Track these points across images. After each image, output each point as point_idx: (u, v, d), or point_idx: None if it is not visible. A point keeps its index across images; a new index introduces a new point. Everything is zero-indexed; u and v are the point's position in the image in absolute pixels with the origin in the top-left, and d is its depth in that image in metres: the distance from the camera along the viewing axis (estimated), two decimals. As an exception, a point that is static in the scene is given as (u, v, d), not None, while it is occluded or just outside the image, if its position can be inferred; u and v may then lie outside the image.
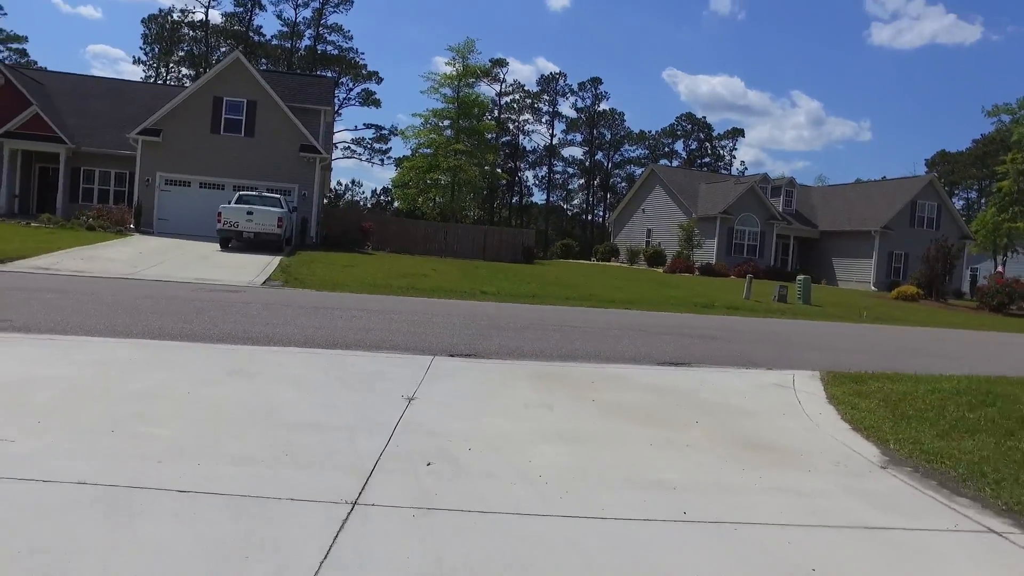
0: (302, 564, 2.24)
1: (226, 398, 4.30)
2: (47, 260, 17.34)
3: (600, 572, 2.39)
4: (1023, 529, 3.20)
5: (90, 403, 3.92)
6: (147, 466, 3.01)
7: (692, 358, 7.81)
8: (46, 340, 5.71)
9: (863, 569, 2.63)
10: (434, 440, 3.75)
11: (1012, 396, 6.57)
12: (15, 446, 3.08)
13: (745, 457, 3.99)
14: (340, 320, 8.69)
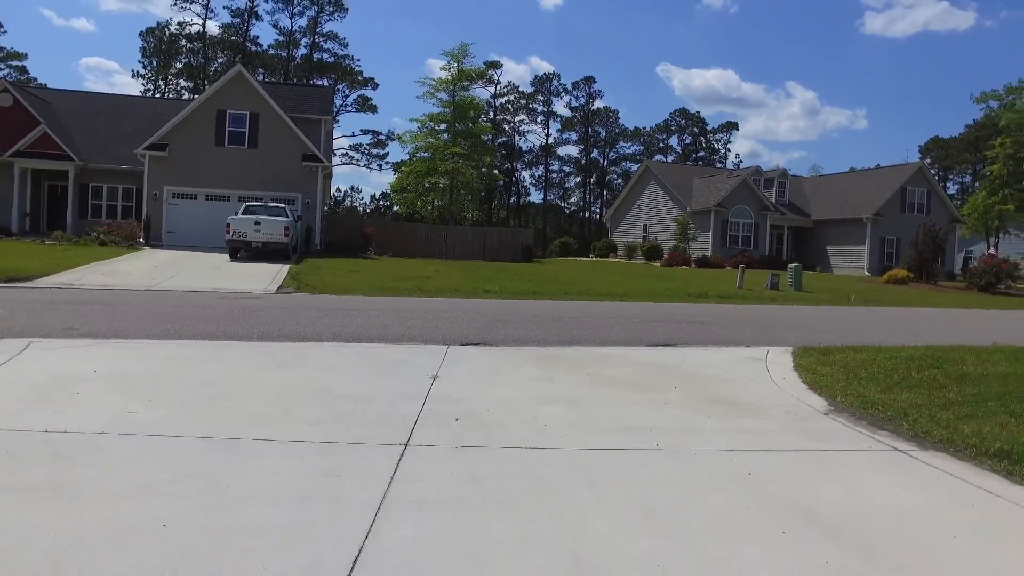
0: (379, 478, 3.16)
1: (283, 381, 5.24)
2: (70, 276, 18.29)
3: (591, 476, 3.32)
4: (922, 449, 4.14)
5: (178, 388, 4.86)
6: (245, 427, 3.95)
7: (679, 340, 8.75)
8: (114, 343, 6.65)
9: (786, 472, 3.56)
10: (458, 405, 4.68)
11: (958, 360, 7.51)
12: (141, 416, 4.02)
13: (711, 410, 4.93)
14: (359, 319, 9.63)
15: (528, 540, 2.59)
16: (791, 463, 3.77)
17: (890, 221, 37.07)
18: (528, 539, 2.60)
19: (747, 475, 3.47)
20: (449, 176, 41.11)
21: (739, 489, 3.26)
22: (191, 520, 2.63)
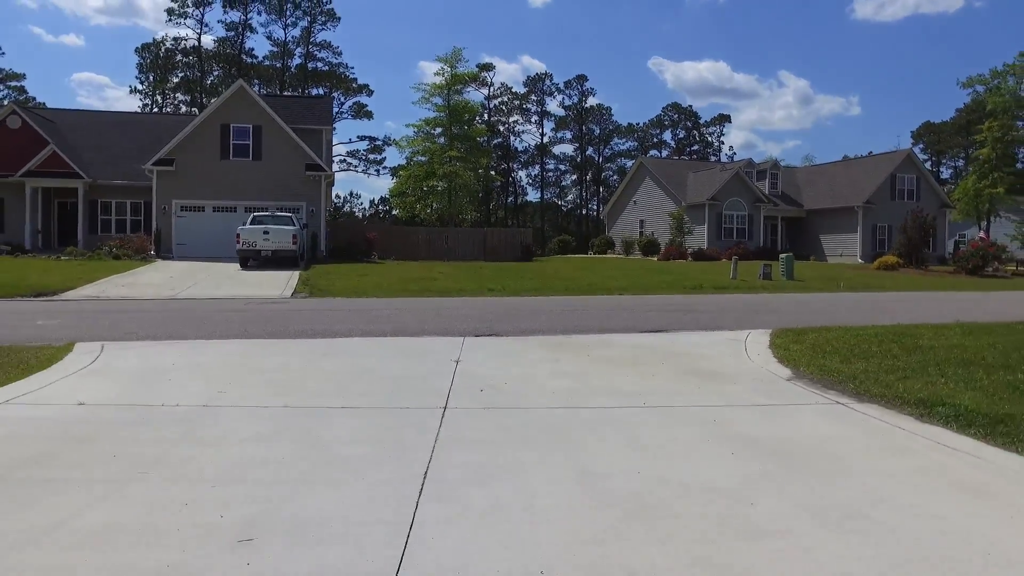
0: (430, 428, 4.19)
1: (333, 367, 6.26)
2: (93, 289, 19.34)
3: (590, 423, 4.35)
4: (859, 402, 5.16)
5: (246, 374, 5.89)
6: (314, 399, 4.98)
7: (671, 327, 9.78)
8: (177, 343, 7.67)
9: (743, 418, 4.59)
10: (481, 380, 5.70)
11: (917, 335, 8.54)
12: (229, 395, 5.05)
13: (691, 379, 5.96)
14: (380, 318, 10.66)
15: (545, 461, 3.61)
16: (749, 413, 4.80)
17: (881, 208, 38.13)
18: (545, 460, 3.62)
19: (712, 421, 4.50)
20: (447, 179, 42.11)
21: (704, 430, 4.29)
22: (300, 455, 3.66)
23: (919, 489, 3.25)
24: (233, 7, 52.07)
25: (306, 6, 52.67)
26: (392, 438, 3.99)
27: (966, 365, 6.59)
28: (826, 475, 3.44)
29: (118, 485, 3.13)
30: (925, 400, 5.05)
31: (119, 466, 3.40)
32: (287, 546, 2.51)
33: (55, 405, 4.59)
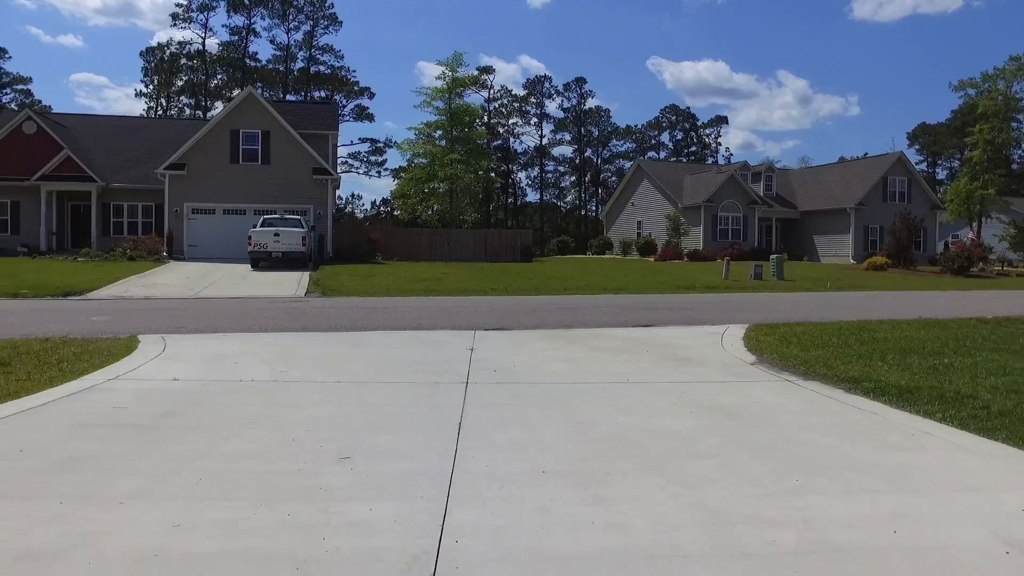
0: (457, 396, 5.37)
1: (367, 354, 7.45)
2: (116, 289, 20.52)
3: (583, 393, 5.54)
4: (805, 380, 6.35)
5: (298, 359, 7.08)
6: (359, 377, 6.17)
7: (659, 322, 10.98)
8: (223, 335, 8.86)
9: (706, 390, 5.78)
10: (493, 364, 6.89)
11: (875, 329, 9.75)
12: (289, 374, 6.24)
13: (670, 363, 7.15)
14: (395, 314, 11.86)
15: (547, 417, 4.80)
16: (711, 387, 6.00)
17: (873, 210, 39.37)
18: (547, 416, 4.81)
19: (680, 392, 5.70)
20: (448, 181, 43.31)
21: (673, 398, 5.49)
22: (360, 412, 4.85)
23: (825, 434, 4.45)
24: (237, 11, 53.38)
25: (309, 10, 54.03)
26: (429, 402, 5.18)
27: (905, 353, 7.80)
28: (758, 426, 4.64)
29: (236, 430, 4.32)
30: (856, 377, 6.25)
31: (230, 419, 4.59)
32: (373, 461, 3.70)
33: (157, 380, 5.79)
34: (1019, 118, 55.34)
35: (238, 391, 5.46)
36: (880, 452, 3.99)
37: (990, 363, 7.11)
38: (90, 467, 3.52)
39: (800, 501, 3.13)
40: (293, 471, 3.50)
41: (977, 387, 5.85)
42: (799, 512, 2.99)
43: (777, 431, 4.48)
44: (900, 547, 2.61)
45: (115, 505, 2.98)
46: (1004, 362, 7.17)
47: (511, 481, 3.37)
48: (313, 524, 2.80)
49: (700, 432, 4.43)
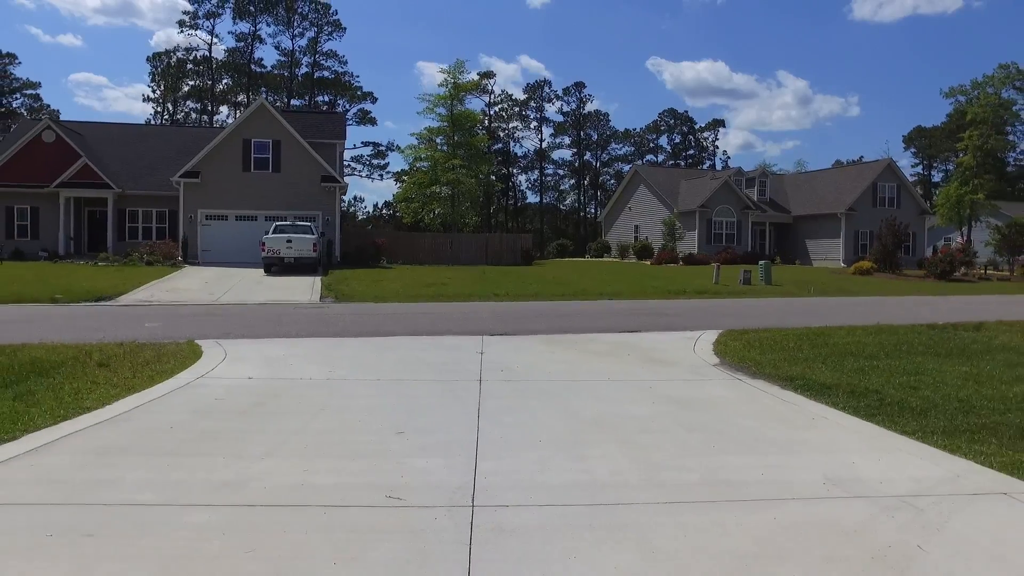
0: (473, 391, 6.97)
1: (395, 357, 9.05)
2: (142, 294, 22.10)
3: (574, 390, 7.14)
4: (753, 379, 7.94)
5: (338, 360, 8.67)
6: (393, 375, 7.77)
7: (644, 327, 12.58)
8: (269, 340, 10.45)
9: (671, 387, 7.38)
10: (500, 365, 8.48)
11: (831, 334, 11.34)
12: (335, 373, 7.84)
13: (647, 365, 8.75)
14: (413, 321, 13.46)
15: (544, 406, 6.40)
16: (675, 384, 7.60)
17: (862, 215, 41.01)
18: (544, 406, 6.41)
19: (650, 388, 7.30)
20: (450, 186, 44.88)
21: (643, 393, 7.08)
22: (401, 403, 6.44)
23: (749, 418, 6.05)
24: (243, 18, 55.03)
25: (313, 17, 55.68)
26: (452, 395, 6.79)
27: (846, 356, 9.40)
28: (701, 412, 6.25)
29: (314, 414, 5.93)
30: (793, 376, 7.85)
31: (306, 407, 6.20)
32: (420, 435, 5.29)
33: (235, 378, 7.39)
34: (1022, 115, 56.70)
35: (303, 387, 7.07)
36: (783, 430, 5.60)
37: (909, 365, 8.72)
38: (225, 438, 5.12)
39: (711, 459, 4.74)
40: (366, 441, 5.10)
41: (885, 384, 7.46)
42: (708, 464, 4.59)
43: (714, 416, 6.09)
44: (761, 481, 4.21)
45: (257, 460, 4.58)
46: (921, 364, 8.78)
47: (517, 446, 4.97)
48: (391, 470, 4.40)
49: (657, 416, 6.03)
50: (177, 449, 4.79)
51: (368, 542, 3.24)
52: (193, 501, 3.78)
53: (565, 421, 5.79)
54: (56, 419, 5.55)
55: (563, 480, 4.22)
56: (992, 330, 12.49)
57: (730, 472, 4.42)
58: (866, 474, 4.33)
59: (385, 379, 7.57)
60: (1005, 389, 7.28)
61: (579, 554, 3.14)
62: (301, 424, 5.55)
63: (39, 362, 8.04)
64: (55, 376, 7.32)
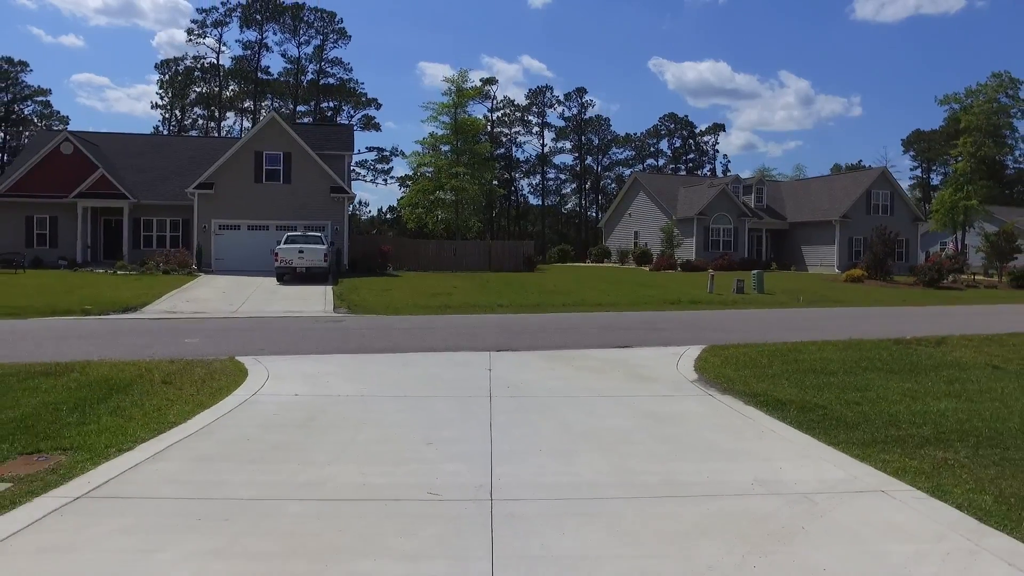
0: (485, 405, 8.43)
1: (415, 374, 10.52)
2: (164, 304, 23.61)
3: (570, 404, 8.60)
4: (723, 394, 9.39)
5: (366, 377, 10.14)
6: (415, 392, 9.25)
7: (634, 343, 14.04)
8: (303, 357, 11.92)
9: (651, 402, 8.84)
10: (506, 382, 9.94)
11: (802, 350, 12.79)
12: (368, 389, 9.31)
13: (632, 381, 10.21)
14: (427, 336, 14.93)
15: (543, 420, 7.85)
16: (654, 399, 9.07)
17: (857, 222, 42.45)
18: (543, 420, 7.86)
19: (631, 403, 8.76)
20: (454, 192, 46.39)
21: (626, 407, 8.54)
22: (425, 417, 7.90)
23: (710, 430, 7.50)
24: (250, 27, 56.56)
25: (319, 25, 57.22)
26: (468, 410, 8.25)
27: (809, 373, 10.84)
28: (672, 425, 7.70)
29: (357, 428, 7.39)
30: (756, 393, 9.31)
31: (349, 422, 7.66)
32: (446, 445, 6.75)
33: (284, 395, 8.86)
34: (1014, 124, 58.00)
35: (342, 403, 8.54)
36: (734, 442, 7.06)
37: (861, 382, 10.17)
38: (293, 449, 6.59)
39: (672, 464, 6.20)
40: (404, 450, 6.57)
41: (833, 400, 8.92)
42: (668, 468, 6.05)
43: (682, 429, 7.56)
44: (706, 482, 5.67)
45: (324, 466, 6.05)
46: (871, 381, 10.23)
47: (522, 454, 6.43)
48: (427, 472, 5.86)
49: (635, 429, 7.50)
50: (260, 457, 6.26)
51: (420, 524, 4.71)
52: (287, 496, 5.26)
53: (560, 434, 7.26)
54: (154, 432, 7.02)
55: (557, 481, 5.68)
56: (951, 345, 13.94)
57: (684, 475, 5.88)
58: (787, 477, 5.80)
59: (410, 396, 9.04)
60: (932, 405, 8.73)
61: (566, 531, 4.60)
62: (349, 437, 7.01)
63: (111, 380, 9.51)
64: (132, 393, 8.79)
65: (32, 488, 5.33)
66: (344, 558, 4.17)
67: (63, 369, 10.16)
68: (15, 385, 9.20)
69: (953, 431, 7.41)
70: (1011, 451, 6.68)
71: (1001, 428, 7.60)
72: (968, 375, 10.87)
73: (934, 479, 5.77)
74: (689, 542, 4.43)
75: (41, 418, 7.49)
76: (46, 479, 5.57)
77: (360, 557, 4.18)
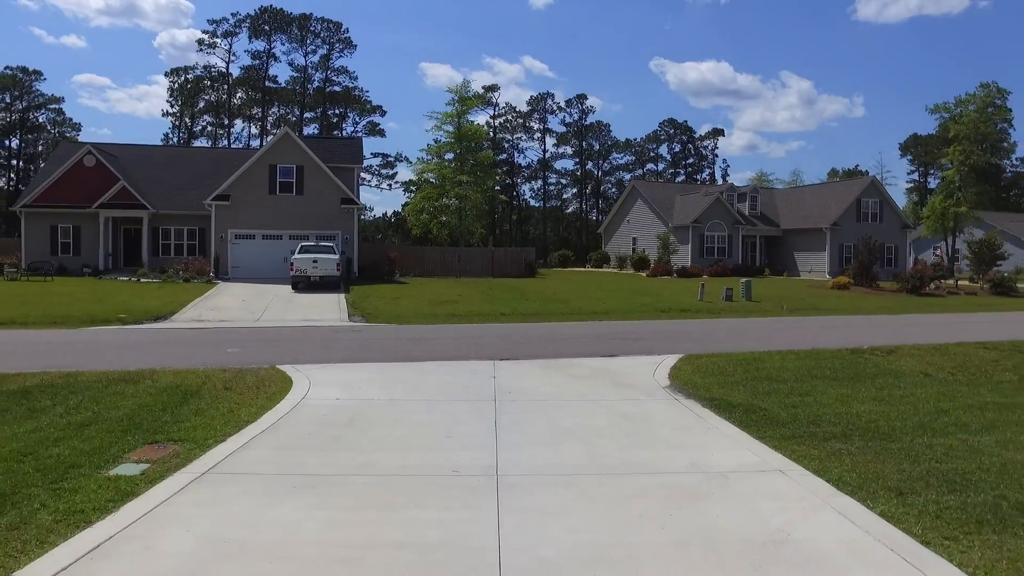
0: (491, 408, 10.62)
1: (431, 381, 12.73)
2: (192, 313, 25.85)
3: (561, 407, 10.80)
4: (687, 398, 11.58)
5: (391, 384, 12.35)
6: (434, 396, 11.47)
7: (621, 352, 16.23)
8: (333, 365, 14.13)
9: (625, 404, 11.04)
10: (507, 388, 12.13)
11: (765, 359, 14.99)
12: (395, 394, 11.52)
13: (613, 387, 12.40)
14: (438, 345, 17.14)
15: (537, 419, 10.05)
16: (629, 402, 11.26)
17: (846, 229, 44.62)
18: (537, 419, 10.06)
19: (610, 406, 10.96)
20: (458, 199, 48.63)
21: (604, 409, 10.74)
22: (445, 417, 10.10)
23: (668, 428, 9.69)
24: (258, 37, 58.86)
25: (325, 35, 59.50)
26: (478, 411, 10.44)
27: (763, 380, 13.03)
28: (639, 423, 9.89)
29: (392, 426, 9.60)
30: (714, 398, 11.50)
31: (385, 421, 9.86)
32: (463, 438, 8.95)
33: (328, 399, 11.07)
34: (1014, 126, 60.12)
35: (376, 406, 10.75)
36: (685, 437, 9.26)
37: (805, 388, 12.36)
38: (346, 440, 8.80)
39: (632, 453, 8.40)
40: (431, 442, 8.78)
41: (775, 404, 11.11)
42: (629, 455, 8.25)
43: (646, 426, 9.76)
44: (653, 464, 7.86)
45: (373, 452, 8.25)
46: (814, 387, 12.41)
47: (520, 445, 8.63)
48: (450, 457, 8.05)
49: (609, 426, 9.70)
50: (322, 447, 8.48)
51: (448, 490, 6.91)
52: (351, 473, 7.46)
53: (550, 430, 9.46)
54: (235, 428, 9.24)
55: (545, 463, 7.89)
56: (900, 354, 16.13)
57: (639, 460, 8.08)
58: (714, 461, 8.00)
59: (430, 400, 11.26)
60: (855, 407, 10.91)
61: (548, 494, 6.80)
62: (386, 432, 9.23)
63: (180, 386, 11.74)
64: (203, 397, 11.01)
65: (167, 467, 7.55)
66: (400, 509, 6.38)
67: (135, 377, 12.42)
68: (102, 390, 11.46)
69: (858, 428, 9.61)
70: (894, 443, 8.87)
71: (899, 426, 9.79)
72: (899, 382, 13.06)
73: (823, 463, 7.97)
74: (631, 501, 6.64)
75: (142, 417, 9.72)
76: (172, 461, 7.79)
77: (411, 508, 6.40)
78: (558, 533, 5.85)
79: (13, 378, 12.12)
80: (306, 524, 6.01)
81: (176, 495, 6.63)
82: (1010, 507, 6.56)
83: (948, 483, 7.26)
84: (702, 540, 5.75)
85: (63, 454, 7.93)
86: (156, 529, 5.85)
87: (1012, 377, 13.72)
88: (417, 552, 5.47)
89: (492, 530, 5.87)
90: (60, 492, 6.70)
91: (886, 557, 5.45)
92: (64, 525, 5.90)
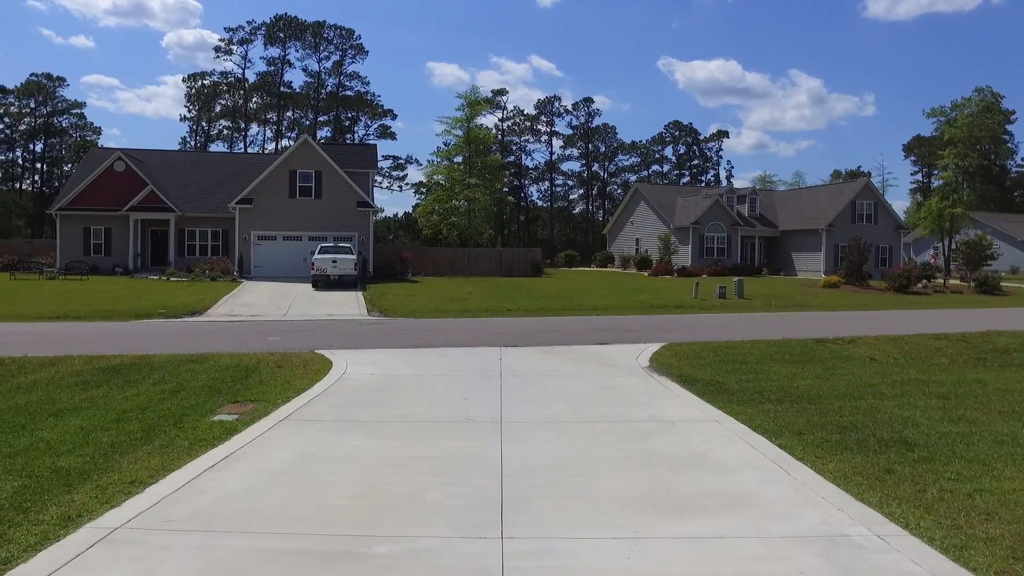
0: (497, 382, 13.27)
1: (445, 362, 15.39)
2: (224, 308, 28.63)
3: (557, 382, 13.44)
4: (660, 375, 14.19)
5: (415, 363, 15.02)
6: (450, 372, 14.15)
7: (612, 341, 18.85)
8: (363, 351, 16.81)
9: (608, 381, 13.67)
10: (512, 367, 14.76)
11: (737, 347, 17.59)
12: (419, 371, 14.20)
13: (600, 368, 15.03)
14: (452, 335, 19.81)
15: (534, 389, 12.68)
16: (611, 378, 13.89)
17: (842, 230, 47.05)
18: (535, 389, 12.69)
19: (595, 380, 13.59)
20: (467, 201, 51.31)
21: (589, 382, 13.36)
22: (459, 388, 12.75)
23: (639, 394, 12.30)
24: (273, 44, 61.83)
25: (338, 42, 62.39)
26: (487, 383, 13.08)
27: (730, 363, 15.61)
28: (617, 392, 12.51)
29: (420, 392, 12.26)
30: (682, 374, 14.10)
31: (413, 390, 12.53)
32: (475, 400, 11.59)
33: (364, 375, 13.74)
34: (1014, 128, 62.42)
35: (405, 380, 13.41)
36: (650, 400, 11.88)
37: (763, 368, 14.93)
38: (385, 400, 11.47)
39: (606, 410, 11.02)
40: (450, 402, 11.43)
41: (731, 379, 13.69)
42: (603, 412, 10.88)
43: (620, 394, 12.37)
44: (622, 418, 10.48)
45: (408, 407, 10.92)
46: (770, 368, 14.99)
47: (518, 403, 11.27)
48: (466, 412, 10.69)
49: (591, 393, 12.32)
50: (368, 403, 11.16)
51: (465, 430, 9.56)
52: (392, 420, 10.13)
53: (543, 395, 12.10)
54: (296, 392, 11.92)
55: (538, 416, 10.53)
56: (859, 344, 18.66)
57: (610, 415, 10.71)
58: (667, 415, 10.62)
59: (448, 375, 13.92)
60: (797, 382, 13.48)
61: (537, 433, 9.44)
62: (415, 396, 11.90)
63: (240, 366, 14.44)
64: (261, 373, 13.71)
65: (253, 416, 10.24)
66: (432, 440, 9.05)
67: (199, 359, 15.13)
68: (176, 368, 14.18)
69: (792, 396, 12.21)
70: (815, 405, 11.47)
71: (826, 395, 12.38)
72: (846, 365, 15.63)
73: (751, 417, 10.57)
74: (596, 436, 9.29)
75: (219, 386, 12.43)
76: (255, 413, 10.48)
77: (439, 439, 9.07)
78: (541, 452, 8.50)
79: (100, 359, 14.85)
80: (366, 447, 8.68)
81: (268, 432, 9.32)
82: (876, 442, 9.17)
83: (839, 428, 9.88)
84: (643, 457, 8.39)
85: (172, 408, 10.65)
86: (263, 449, 8.53)
87: (944, 361, 16.28)
88: (445, 461, 8.13)
89: (496, 450, 8.53)
90: (184, 429, 9.41)
91: (767, 465, 8.08)
92: (198, 447, 8.60)
